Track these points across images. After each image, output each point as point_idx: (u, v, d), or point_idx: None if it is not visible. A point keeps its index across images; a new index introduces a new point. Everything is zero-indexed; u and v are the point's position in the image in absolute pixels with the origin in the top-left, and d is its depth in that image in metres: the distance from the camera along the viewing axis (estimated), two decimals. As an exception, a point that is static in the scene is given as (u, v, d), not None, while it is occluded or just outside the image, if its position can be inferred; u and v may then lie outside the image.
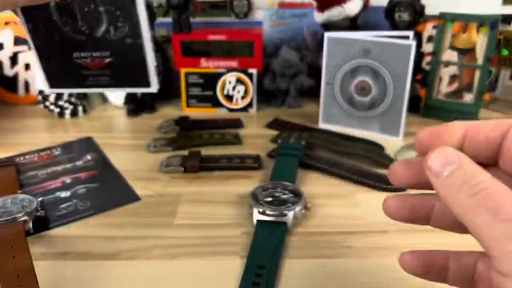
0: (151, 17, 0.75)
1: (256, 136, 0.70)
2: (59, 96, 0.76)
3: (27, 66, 0.84)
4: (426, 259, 0.27)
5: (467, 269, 0.26)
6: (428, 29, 0.84)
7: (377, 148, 0.64)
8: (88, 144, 0.67)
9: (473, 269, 0.26)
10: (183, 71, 0.80)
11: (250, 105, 0.80)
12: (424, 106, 0.78)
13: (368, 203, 0.51)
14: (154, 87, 0.54)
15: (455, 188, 0.21)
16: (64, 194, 0.53)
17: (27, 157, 0.63)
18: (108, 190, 0.54)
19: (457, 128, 0.24)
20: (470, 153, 0.24)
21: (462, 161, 0.22)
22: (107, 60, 0.53)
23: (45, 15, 0.50)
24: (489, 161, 0.25)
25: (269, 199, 0.47)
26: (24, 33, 0.65)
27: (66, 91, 0.57)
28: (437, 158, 0.23)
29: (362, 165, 0.58)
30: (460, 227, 0.24)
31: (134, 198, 0.52)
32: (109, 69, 0.54)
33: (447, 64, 0.77)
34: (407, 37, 0.68)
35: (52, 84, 0.56)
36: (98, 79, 0.54)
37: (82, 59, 0.53)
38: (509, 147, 0.23)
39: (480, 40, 0.71)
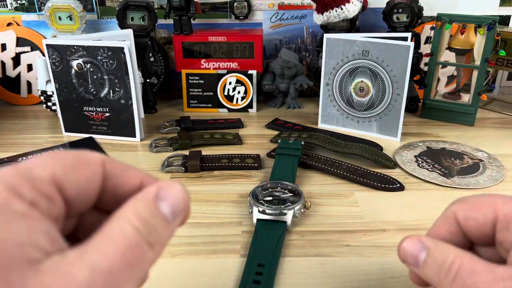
0: (153, 19, 0.76)
1: (256, 136, 0.71)
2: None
3: (29, 67, 0.85)
4: None
5: None
6: (426, 30, 0.85)
7: (376, 148, 0.65)
8: (89, 144, 0.68)
9: None
10: (184, 72, 0.81)
11: (250, 105, 0.81)
12: (422, 107, 0.78)
13: (366, 202, 0.51)
14: (138, 137, 0.69)
15: (435, 277, 0.24)
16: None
17: (29, 157, 0.63)
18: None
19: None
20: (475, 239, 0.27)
21: (428, 246, 0.25)
22: (107, 114, 0.69)
23: (68, 79, 0.68)
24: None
25: (269, 198, 0.48)
26: (27, 34, 0.81)
27: (76, 135, 0.71)
28: (406, 251, 0.26)
29: (361, 164, 0.58)
30: None
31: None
32: (107, 121, 0.70)
33: (445, 65, 0.78)
34: (405, 38, 0.69)
35: (67, 129, 0.72)
36: (99, 128, 0.71)
37: (90, 112, 0.70)
38: (468, 231, 0.27)
39: (477, 41, 0.71)
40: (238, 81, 0.80)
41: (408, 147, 0.66)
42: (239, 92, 0.80)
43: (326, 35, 0.69)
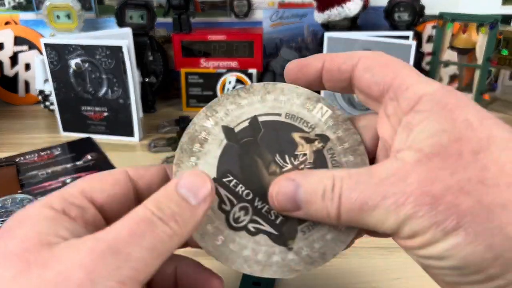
0: (152, 18, 0.76)
1: (256, 136, 0.70)
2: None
3: (27, 66, 0.84)
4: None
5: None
6: (428, 29, 0.84)
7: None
8: (88, 144, 0.67)
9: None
10: (183, 71, 0.80)
11: (250, 105, 0.80)
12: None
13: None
14: (136, 137, 0.69)
15: (323, 211, 0.21)
16: (64, 194, 0.53)
17: (27, 157, 0.63)
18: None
19: (316, 61, 0.25)
20: (327, 84, 0.25)
21: (300, 182, 0.22)
22: (105, 114, 0.68)
23: (66, 78, 0.67)
24: (346, 91, 0.25)
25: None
26: (25, 33, 0.83)
27: (74, 135, 0.71)
28: (280, 198, 0.22)
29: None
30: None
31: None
32: (106, 121, 0.69)
33: (447, 64, 0.77)
34: (407, 37, 0.68)
35: (65, 129, 0.71)
36: (98, 127, 0.70)
37: (88, 112, 0.69)
38: (357, 80, 0.23)
39: (479, 40, 0.71)
40: (238, 80, 0.79)
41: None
42: (239, 92, 0.80)
43: (327, 34, 0.68)
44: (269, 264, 0.23)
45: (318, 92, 0.26)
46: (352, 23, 0.78)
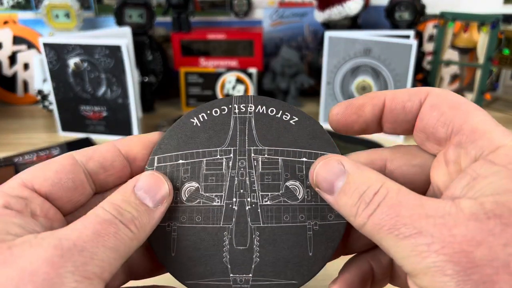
0: (151, 17, 0.75)
1: (256, 136, 0.70)
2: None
3: (25, 66, 0.84)
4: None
5: (387, 270, 0.25)
6: (429, 29, 0.84)
7: (377, 148, 0.64)
8: (87, 144, 0.67)
9: (391, 268, 0.25)
10: (182, 70, 0.80)
11: (250, 104, 0.80)
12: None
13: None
14: None
15: (353, 208, 0.20)
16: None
17: (25, 157, 0.62)
18: (107, 190, 0.54)
19: (374, 100, 0.23)
20: (388, 125, 0.23)
21: (349, 169, 0.20)
22: (104, 114, 0.68)
23: (64, 78, 0.67)
24: (407, 132, 0.23)
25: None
26: (23, 33, 0.84)
27: (73, 135, 0.71)
28: (322, 172, 0.21)
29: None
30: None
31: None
32: (104, 120, 0.69)
33: (448, 63, 0.77)
34: (407, 37, 0.68)
35: (64, 128, 0.71)
36: (97, 127, 0.70)
37: (87, 111, 0.69)
38: (422, 118, 0.22)
39: (481, 40, 0.70)
40: (238, 80, 0.79)
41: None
42: (238, 91, 0.79)
43: (327, 33, 0.68)
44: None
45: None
46: (353, 22, 0.77)
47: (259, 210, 0.23)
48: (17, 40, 0.83)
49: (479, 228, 0.17)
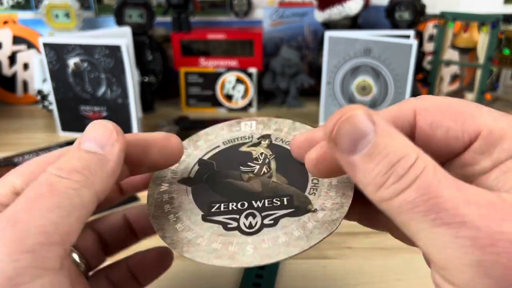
0: (151, 16, 0.75)
1: (256, 136, 0.70)
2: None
3: (25, 66, 0.84)
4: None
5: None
6: (429, 28, 0.84)
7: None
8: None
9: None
10: (182, 70, 0.80)
11: (250, 104, 0.80)
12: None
13: (369, 204, 0.50)
14: None
15: (378, 178, 0.16)
16: (62, 194, 0.53)
17: (25, 157, 0.62)
18: (106, 190, 0.54)
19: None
20: None
21: (380, 130, 0.17)
22: (104, 114, 0.68)
23: (64, 78, 0.67)
24: None
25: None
26: (23, 33, 0.84)
27: (73, 135, 0.71)
28: (346, 125, 0.17)
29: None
30: None
31: (133, 198, 0.52)
32: None
33: (448, 63, 0.77)
34: (408, 36, 0.68)
35: (64, 128, 0.71)
36: None
37: (87, 111, 0.69)
38: (426, 141, 0.19)
39: (481, 40, 0.70)
40: (238, 80, 0.79)
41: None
42: (238, 91, 0.79)
43: (327, 33, 0.68)
44: (309, 233, 0.23)
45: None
46: (353, 22, 0.77)
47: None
48: (17, 40, 0.83)
49: None
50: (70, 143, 0.67)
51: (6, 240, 0.16)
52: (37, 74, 0.74)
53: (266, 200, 0.24)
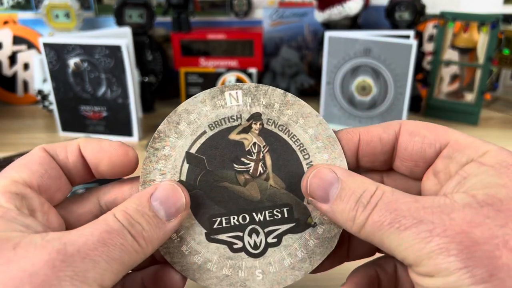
0: (151, 17, 0.75)
1: (256, 136, 0.70)
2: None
3: (25, 66, 0.84)
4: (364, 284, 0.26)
5: (392, 278, 0.26)
6: (429, 29, 0.84)
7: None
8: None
9: (396, 276, 0.26)
10: (182, 70, 0.80)
11: (250, 104, 0.80)
12: (425, 106, 0.77)
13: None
14: (135, 137, 0.69)
15: (351, 213, 0.20)
16: (62, 194, 0.53)
17: (25, 157, 0.62)
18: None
19: (349, 134, 0.24)
20: (365, 158, 0.24)
21: (342, 175, 0.21)
22: (104, 114, 0.68)
23: (64, 78, 0.67)
24: (384, 166, 0.24)
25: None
26: (23, 33, 0.84)
27: (73, 135, 0.71)
28: (314, 184, 0.22)
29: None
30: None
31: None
32: (104, 120, 0.69)
33: (448, 63, 0.77)
34: (407, 37, 0.68)
35: (64, 128, 0.71)
36: (96, 127, 0.70)
37: (87, 111, 0.69)
38: (405, 147, 0.23)
39: (481, 40, 0.70)
40: (238, 80, 0.79)
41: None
42: (238, 91, 0.79)
43: (327, 33, 0.68)
44: (312, 253, 0.24)
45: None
46: (353, 22, 0.77)
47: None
48: (17, 40, 0.83)
49: (475, 213, 0.18)
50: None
51: (75, 268, 0.17)
52: (37, 74, 0.74)
53: (266, 212, 0.24)
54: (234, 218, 0.24)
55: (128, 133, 0.68)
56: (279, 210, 0.24)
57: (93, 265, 0.18)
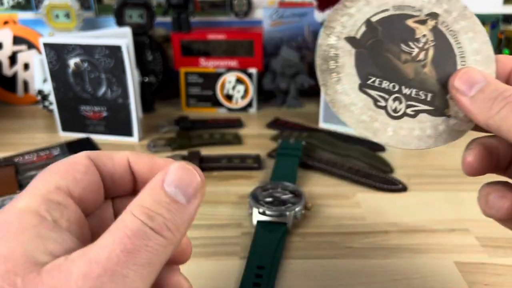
0: (151, 17, 0.75)
1: (256, 136, 0.70)
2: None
3: (26, 66, 0.84)
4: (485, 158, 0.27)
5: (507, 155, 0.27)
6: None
7: (377, 147, 0.64)
8: (87, 144, 0.67)
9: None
10: (182, 70, 0.80)
11: (250, 105, 0.80)
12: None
13: (368, 204, 0.50)
14: (135, 137, 0.69)
15: (488, 102, 0.23)
16: (63, 194, 0.53)
17: (26, 157, 0.62)
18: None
19: (508, 60, 0.26)
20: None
21: (488, 78, 0.24)
22: (104, 114, 0.68)
23: (65, 78, 0.67)
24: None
25: (269, 199, 0.47)
26: (23, 33, 0.84)
27: (73, 135, 0.71)
28: (463, 78, 0.25)
29: (363, 165, 0.58)
30: None
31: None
32: (105, 121, 0.69)
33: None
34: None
35: (64, 129, 0.71)
36: (96, 127, 0.70)
37: (87, 111, 0.69)
38: None
39: (480, 40, 0.70)
40: (238, 80, 0.79)
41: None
42: (238, 91, 0.79)
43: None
44: (438, 135, 0.27)
45: None
46: (353, 22, 0.77)
47: None
48: (17, 40, 0.83)
49: None
50: (70, 143, 0.67)
51: None
52: (37, 74, 0.74)
53: (413, 90, 0.27)
54: (386, 83, 0.27)
55: (128, 133, 0.69)
56: (424, 93, 0.27)
57: (122, 280, 0.17)
